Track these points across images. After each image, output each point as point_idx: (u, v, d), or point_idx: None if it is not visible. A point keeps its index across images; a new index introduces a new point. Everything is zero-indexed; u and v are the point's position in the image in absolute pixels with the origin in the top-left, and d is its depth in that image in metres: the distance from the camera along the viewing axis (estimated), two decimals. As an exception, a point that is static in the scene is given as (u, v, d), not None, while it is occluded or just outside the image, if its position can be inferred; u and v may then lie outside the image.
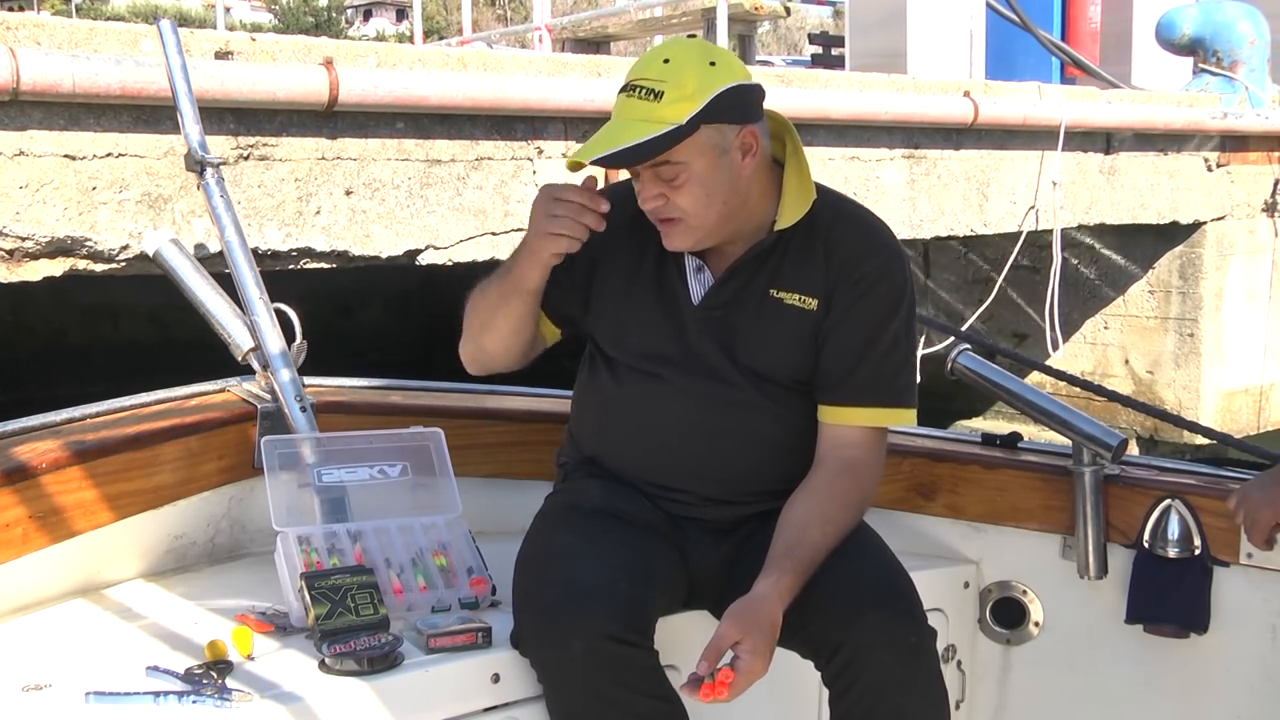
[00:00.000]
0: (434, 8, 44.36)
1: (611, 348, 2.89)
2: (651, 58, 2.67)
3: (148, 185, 5.04)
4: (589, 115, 6.28)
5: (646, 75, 2.62)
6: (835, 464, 2.76)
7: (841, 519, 2.72)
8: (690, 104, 2.58)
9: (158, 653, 2.57)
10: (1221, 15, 10.50)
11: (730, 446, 2.80)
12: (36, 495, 2.73)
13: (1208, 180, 9.91)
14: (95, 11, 44.23)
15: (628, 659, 2.50)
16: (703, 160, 2.64)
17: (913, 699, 2.62)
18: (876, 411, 2.79)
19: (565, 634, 2.52)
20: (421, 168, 5.85)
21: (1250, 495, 2.82)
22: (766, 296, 2.78)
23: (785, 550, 2.63)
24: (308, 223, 5.50)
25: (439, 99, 5.74)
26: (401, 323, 13.25)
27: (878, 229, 2.87)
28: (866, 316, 2.77)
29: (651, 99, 2.59)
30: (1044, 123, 8.58)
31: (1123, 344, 10.43)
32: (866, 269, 2.77)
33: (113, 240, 4.99)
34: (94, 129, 4.91)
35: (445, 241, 5.99)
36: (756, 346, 2.78)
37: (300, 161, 5.45)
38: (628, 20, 13.20)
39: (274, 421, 3.12)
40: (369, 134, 5.67)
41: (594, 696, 2.54)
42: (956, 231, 8.47)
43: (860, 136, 7.74)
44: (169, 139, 5.03)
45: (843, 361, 2.77)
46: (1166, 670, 3.17)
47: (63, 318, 11.76)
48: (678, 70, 2.60)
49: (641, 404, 2.84)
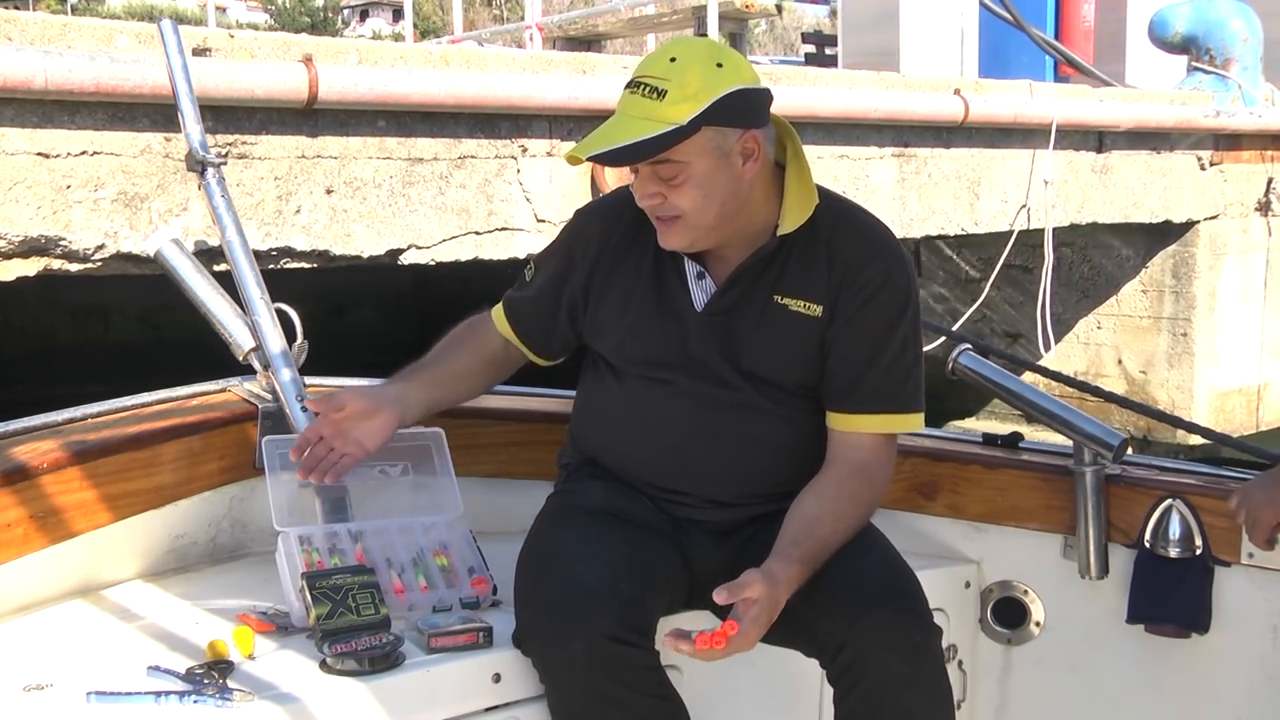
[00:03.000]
0: (430, 8, 44.32)
1: (614, 356, 2.89)
2: (659, 55, 2.65)
3: (123, 184, 4.98)
4: (574, 113, 6.27)
5: (652, 73, 2.60)
6: (847, 465, 2.76)
7: (851, 516, 2.73)
8: (693, 104, 2.56)
9: (159, 652, 2.57)
10: (1214, 13, 10.48)
11: (734, 450, 2.80)
12: (38, 495, 2.72)
13: (1201, 179, 9.92)
14: (91, 11, 44.23)
15: (628, 659, 2.50)
16: (703, 161, 2.62)
17: (918, 698, 2.62)
18: (885, 418, 2.79)
19: (566, 634, 2.52)
20: (404, 166, 5.80)
21: (1251, 495, 2.82)
22: (770, 302, 2.77)
23: (793, 540, 2.63)
24: (288, 222, 5.44)
25: (421, 97, 5.68)
26: (395, 323, 13.21)
27: (880, 233, 2.86)
28: (872, 322, 2.76)
29: (654, 97, 2.57)
30: (1036, 121, 8.57)
31: (1116, 344, 10.44)
32: (870, 274, 2.76)
33: (88, 240, 4.92)
34: (68, 126, 4.83)
35: (428, 241, 5.94)
36: (761, 352, 2.78)
37: (280, 160, 5.39)
38: (619, 19, 13.18)
39: (275, 421, 3.11)
40: (350, 132, 5.62)
41: (595, 696, 2.53)
42: (947, 231, 8.45)
43: (849, 135, 7.71)
44: (145, 137, 4.98)
45: (850, 369, 2.77)
46: (1167, 670, 3.17)
47: (53, 319, 11.74)
48: (683, 69, 2.58)
49: (644, 408, 2.84)
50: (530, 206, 6.22)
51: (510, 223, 6.17)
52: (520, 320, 3.04)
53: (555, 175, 6.31)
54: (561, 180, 6.32)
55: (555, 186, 6.32)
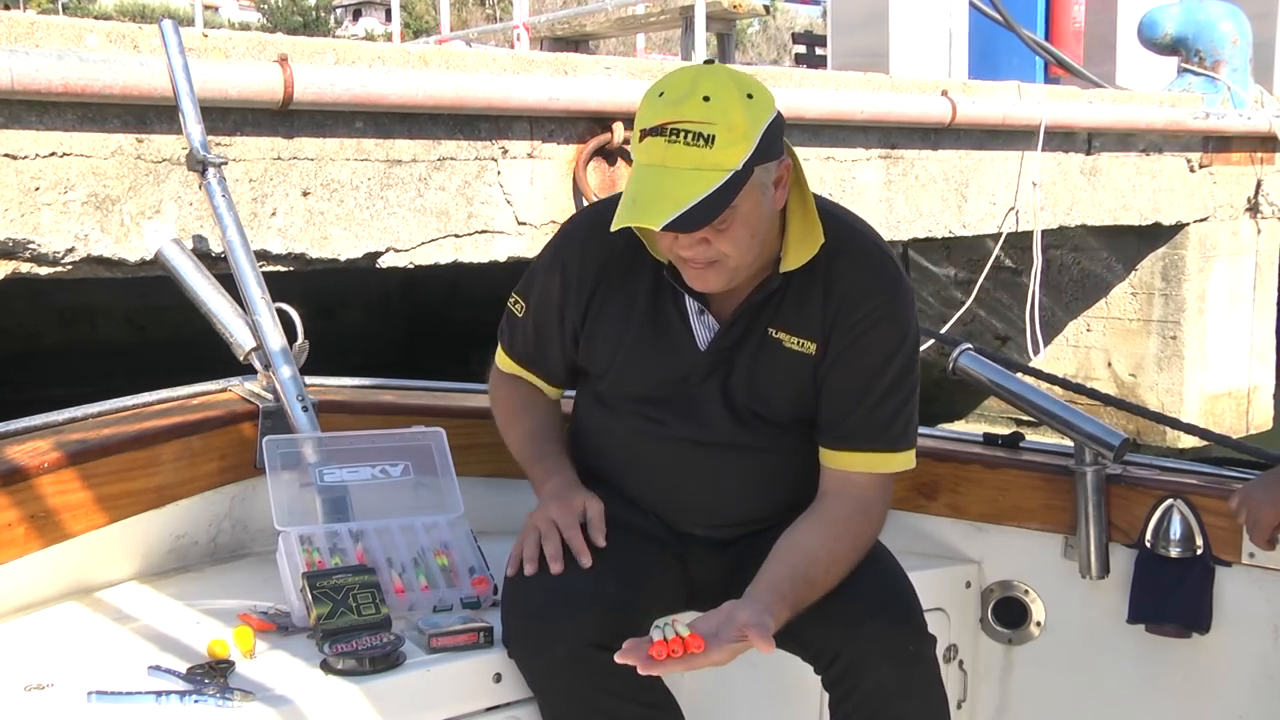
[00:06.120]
0: (423, 7, 44.36)
1: (607, 391, 2.82)
2: (684, 94, 2.43)
3: (94, 186, 4.88)
4: (555, 114, 6.22)
5: (689, 117, 2.40)
6: (850, 503, 2.68)
7: (848, 562, 2.64)
8: (744, 146, 2.41)
9: (159, 652, 2.57)
10: (1204, 15, 10.51)
11: (727, 486, 2.76)
12: (38, 495, 2.72)
13: (1190, 181, 9.93)
14: (82, 10, 44.23)
15: (614, 665, 2.37)
16: (748, 201, 2.48)
17: (911, 707, 2.61)
18: (870, 456, 2.70)
19: (550, 637, 2.51)
20: (381, 168, 5.72)
21: (1252, 495, 2.82)
22: (766, 336, 2.69)
23: (789, 581, 2.53)
24: (263, 224, 5.36)
25: (399, 97, 5.59)
26: (383, 324, 13.22)
27: (880, 264, 2.73)
28: (864, 360, 2.67)
29: (700, 144, 2.39)
30: (1024, 122, 8.55)
31: (1105, 346, 10.45)
32: (866, 309, 2.66)
33: (57, 243, 4.82)
34: (36, 127, 4.72)
35: (406, 244, 5.86)
36: (752, 388, 2.70)
37: (255, 161, 5.31)
38: (607, 18, 13.16)
39: (276, 421, 3.12)
40: (327, 133, 5.53)
41: (578, 701, 2.53)
42: (934, 233, 8.42)
43: (836, 136, 7.65)
44: (116, 138, 4.90)
45: (837, 405, 2.69)
46: (1168, 670, 3.18)
47: (38, 320, 11.71)
48: (725, 110, 2.41)
49: (635, 448, 2.79)
50: (511, 209, 6.17)
51: (491, 225, 6.11)
52: (533, 362, 2.94)
53: (536, 177, 6.26)
54: (543, 182, 6.28)
55: (536, 188, 6.26)
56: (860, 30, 10.72)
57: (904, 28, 10.51)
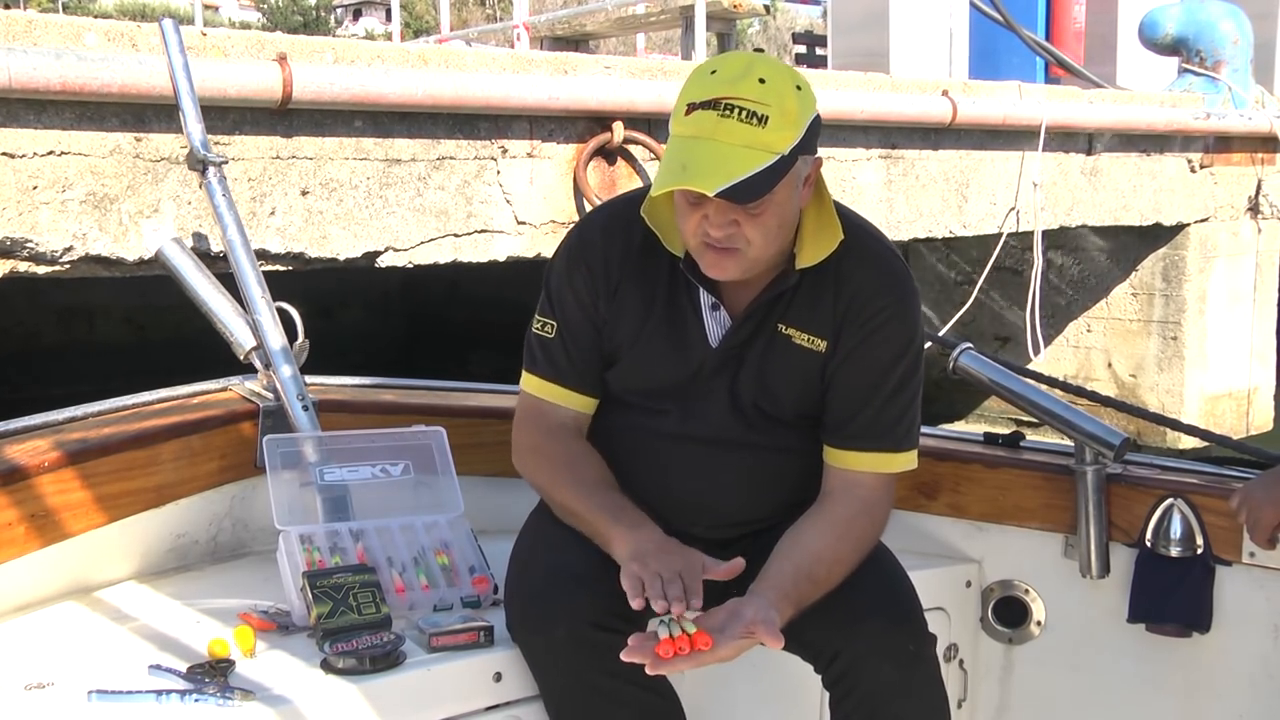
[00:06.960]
0: (423, 7, 44.35)
1: (617, 385, 2.80)
2: (739, 74, 2.44)
3: (92, 185, 4.87)
4: (554, 113, 6.21)
5: (744, 95, 2.41)
6: (854, 503, 2.68)
7: (850, 561, 2.63)
8: (793, 132, 2.44)
9: (159, 651, 2.57)
10: (1204, 15, 10.50)
11: (732, 483, 2.75)
12: (38, 494, 2.72)
13: (1191, 181, 9.92)
14: (83, 9, 44.22)
15: (613, 646, 2.39)
16: (785, 190, 2.48)
17: (911, 706, 2.61)
18: (874, 456, 2.70)
19: (549, 618, 2.52)
20: (381, 167, 5.71)
21: (1252, 494, 2.81)
22: (776, 332, 2.69)
23: (793, 579, 2.53)
24: (262, 224, 5.35)
25: (398, 96, 5.58)
26: (383, 323, 13.22)
27: (890, 265, 2.73)
28: (872, 359, 2.67)
29: (754, 123, 2.40)
30: (1024, 123, 8.55)
31: (1106, 347, 10.44)
32: (876, 308, 2.66)
33: (55, 242, 4.81)
34: (34, 126, 4.71)
35: (405, 243, 5.84)
36: (761, 384, 2.70)
37: (254, 161, 5.30)
38: (607, 18, 13.14)
39: (276, 420, 3.12)
40: (326, 132, 5.52)
41: (578, 682, 2.53)
42: (935, 233, 8.42)
43: (836, 136, 7.61)
44: (114, 137, 4.89)
45: (844, 404, 2.69)
46: (1169, 670, 3.18)
47: (37, 319, 11.71)
48: (779, 94, 2.43)
49: (642, 444, 2.77)
50: (510, 208, 6.16)
51: (490, 225, 6.10)
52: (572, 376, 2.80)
53: (536, 176, 6.26)
54: (542, 181, 6.27)
55: (536, 188, 6.26)
56: (860, 30, 10.71)
57: (904, 28, 10.49)
